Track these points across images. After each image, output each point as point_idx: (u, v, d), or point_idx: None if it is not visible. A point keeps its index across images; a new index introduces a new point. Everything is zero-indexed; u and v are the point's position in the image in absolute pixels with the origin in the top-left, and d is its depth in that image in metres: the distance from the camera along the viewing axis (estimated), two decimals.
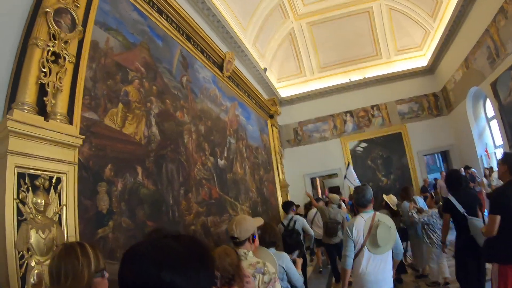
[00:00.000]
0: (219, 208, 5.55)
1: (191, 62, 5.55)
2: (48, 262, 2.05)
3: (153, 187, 3.87)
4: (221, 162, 6.10)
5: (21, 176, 2.13)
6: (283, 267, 2.68)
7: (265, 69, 9.71)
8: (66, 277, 1.39)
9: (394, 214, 5.21)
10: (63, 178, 2.45)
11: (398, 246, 3.00)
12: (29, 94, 2.32)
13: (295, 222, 5.47)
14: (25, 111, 2.26)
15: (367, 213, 2.92)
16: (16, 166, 2.10)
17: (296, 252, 4.62)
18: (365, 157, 11.51)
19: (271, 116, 10.03)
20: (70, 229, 2.39)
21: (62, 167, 2.44)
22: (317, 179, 13.06)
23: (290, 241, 5.08)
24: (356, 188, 3.22)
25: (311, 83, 11.67)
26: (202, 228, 4.84)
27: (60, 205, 2.38)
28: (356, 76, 11.38)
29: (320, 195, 12.51)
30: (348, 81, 11.40)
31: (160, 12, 4.58)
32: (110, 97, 3.43)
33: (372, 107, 11.52)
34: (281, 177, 9.63)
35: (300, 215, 6.55)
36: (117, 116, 3.49)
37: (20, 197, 2.09)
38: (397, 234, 2.98)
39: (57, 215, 2.34)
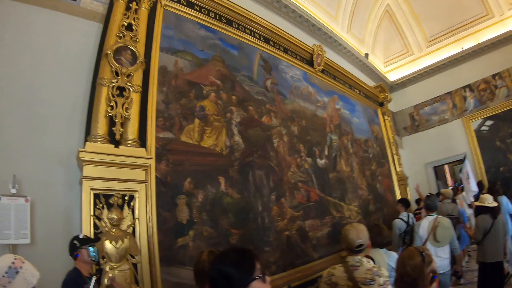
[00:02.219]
0: (319, 211, 5.45)
1: (275, 64, 5.66)
2: (120, 267, 2.52)
3: (238, 195, 4.12)
4: (321, 162, 5.98)
5: (96, 196, 2.66)
6: (392, 266, 2.91)
7: (366, 55, 9.11)
8: None
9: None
10: (136, 195, 2.91)
11: (454, 242, 3.97)
12: (100, 126, 2.87)
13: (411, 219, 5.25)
14: (97, 142, 2.80)
15: (431, 216, 4.05)
16: (91, 189, 2.63)
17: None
18: (492, 138, 9.60)
19: (381, 104, 9.32)
20: (143, 240, 2.83)
21: (134, 185, 2.91)
22: (446, 166, 11.48)
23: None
24: (429, 195, 4.30)
25: (421, 61, 10.44)
26: (298, 232, 4.84)
27: (133, 218, 2.85)
28: (468, 43, 9.66)
29: (451, 184, 10.98)
30: (461, 50, 9.82)
31: (230, 22, 4.87)
32: (185, 115, 3.86)
33: (493, 76, 9.54)
34: (398, 169, 8.84)
35: None
36: (194, 131, 3.89)
37: (96, 214, 2.61)
38: (455, 234, 4.03)
39: (131, 228, 2.81)
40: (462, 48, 9.86)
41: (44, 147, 2.77)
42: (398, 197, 8.21)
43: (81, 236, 2.26)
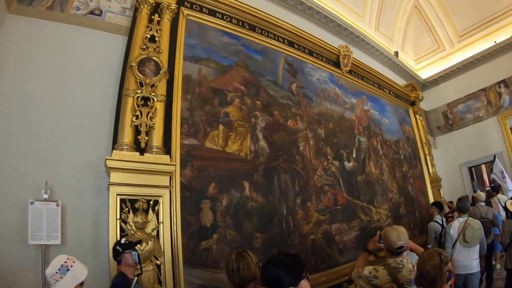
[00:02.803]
0: (346, 215, 5.41)
1: (300, 67, 5.70)
2: (144, 268, 2.69)
3: (263, 199, 4.20)
4: (349, 165, 5.93)
5: (122, 201, 2.85)
6: None
7: (396, 53, 8.91)
8: (243, 270, 2.20)
9: None
10: (160, 200, 3.07)
11: (483, 243, 4.27)
12: (126, 135, 3.06)
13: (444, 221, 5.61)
14: (124, 150, 2.99)
15: (462, 218, 4.40)
16: (117, 194, 2.82)
17: None
18: None
19: (413, 103, 9.07)
20: (166, 242, 2.99)
21: (158, 191, 3.07)
22: (483, 166, 11.02)
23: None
24: (461, 198, 4.62)
25: (452, 57, 10.05)
26: (324, 236, 4.84)
27: (158, 222, 3.02)
28: (502, 36, 9.14)
29: (488, 185, 10.50)
30: (494, 44, 9.35)
31: (253, 28, 4.96)
32: (209, 121, 4.00)
33: None
34: (431, 170, 8.56)
35: None
36: (218, 137, 4.03)
37: (122, 217, 2.80)
38: (483, 235, 4.31)
39: (155, 231, 2.98)
40: (495, 41, 9.42)
41: (75, 155, 3.01)
42: (431, 199, 7.99)
43: (122, 241, 2.43)
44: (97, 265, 2.40)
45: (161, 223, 3.02)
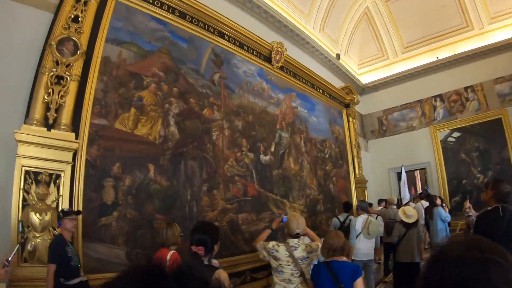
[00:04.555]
0: (256, 206, 6.48)
1: (228, 58, 6.58)
2: (42, 237, 3.45)
3: (167, 183, 5.03)
4: (265, 158, 7.00)
5: (27, 173, 3.56)
6: None
7: (337, 56, 10.13)
8: (169, 235, 3.53)
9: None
10: (62, 174, 3.82)
11: (378, 237, 6.19)
12: (37, 111, 3.74)
13: (349, 221, 6.78)
14: (33, 125, 3.69)
15: (364, 215, 6.12)
16: (22, 166, 3.52)
17: None
18: (457, 149, 11.13)
19: (347, 106, 10.36)
20: None
21: (60, 166, 3.81)
22: (417, 172, 13.33)
23: None
24: (362, 200, 6.88)
25: (395, 66, 11.65)
26: (229, 225, 5.85)
27: (58, 195, 3.77)
28: (444, 53, 10.89)
29: (421, 190, 12.59)
30: (436, 59, 11.07)
31: (183, 15, 5.73)
32: (121, 104, 4.73)
33: (466, 89, 10.93)
34: (357, 172, 10.02)
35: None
36: (128, 120, 4.78)
37: (25, 188, 3.53)
38: (381, 230, 6.44)
39: (55, 203, 3.73)
40: (437, 57, 11.05)
41: None
42: (355, 199, 9.48)
43: (65, 209, 3.32)
44: (4, 228, 3.13)
45: (61, 196, 3.76)
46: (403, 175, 9.58)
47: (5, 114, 3.80)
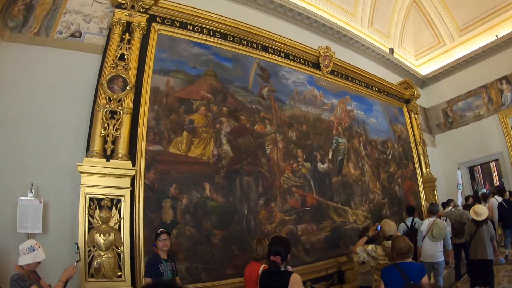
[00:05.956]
0: (316, 215, 6.54)
1: (275, 71, 6.79)
2: (106, 255, 3.92)
3: (223, 199, 5.33)
4: (323, 166, 7.03)
5: (91, 199, 4.08)
6: None
7: (391, 50, 9.81)
8: (259, 250, 3.73)
9: None
10: (122, 199, 4.29)
11: (447, 240, 6.11)
12: (96, 144, 4.27)
13: (415, 223, 6.75)
14: (93, 157, 4.22)
15: (432, 218, 6.19)
16: (86, 194, 4.04)
17: None
18: None
19: (408, 101, 10.00)
20: (126, 234, 4.19)
21: (120, 191, 4.29)
22: (492, 163, 12.34)
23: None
24: (432, 203, 6.93)
25: (453, 52, 10.93)
26: (288, 236, 5.90)
27: (119, 217, 4.24)
28: (504, 30, 9.92)
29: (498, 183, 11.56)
30: (496, 38, 10.11)
31: (225, 36, 6.07)
32: (174, 129, 5.14)
33: None
34: (424, 170, 9.59)
35: None
36: (182, 143, 5.18)
37: (90, 213, 4.04)
38: (448, 232, 6.24)
39: (117, 225, 4.20)
40: (497, 36, 10.17)
41: (56, 162, 4.29)
42: (423, 200, 9.08)
43: (158, 231, 4.05)
44: (72, 249, 3.65)
45: (122, 218, 4.22)
46: (459, 178, 9.11)
47: (69, 149, 4.39)
